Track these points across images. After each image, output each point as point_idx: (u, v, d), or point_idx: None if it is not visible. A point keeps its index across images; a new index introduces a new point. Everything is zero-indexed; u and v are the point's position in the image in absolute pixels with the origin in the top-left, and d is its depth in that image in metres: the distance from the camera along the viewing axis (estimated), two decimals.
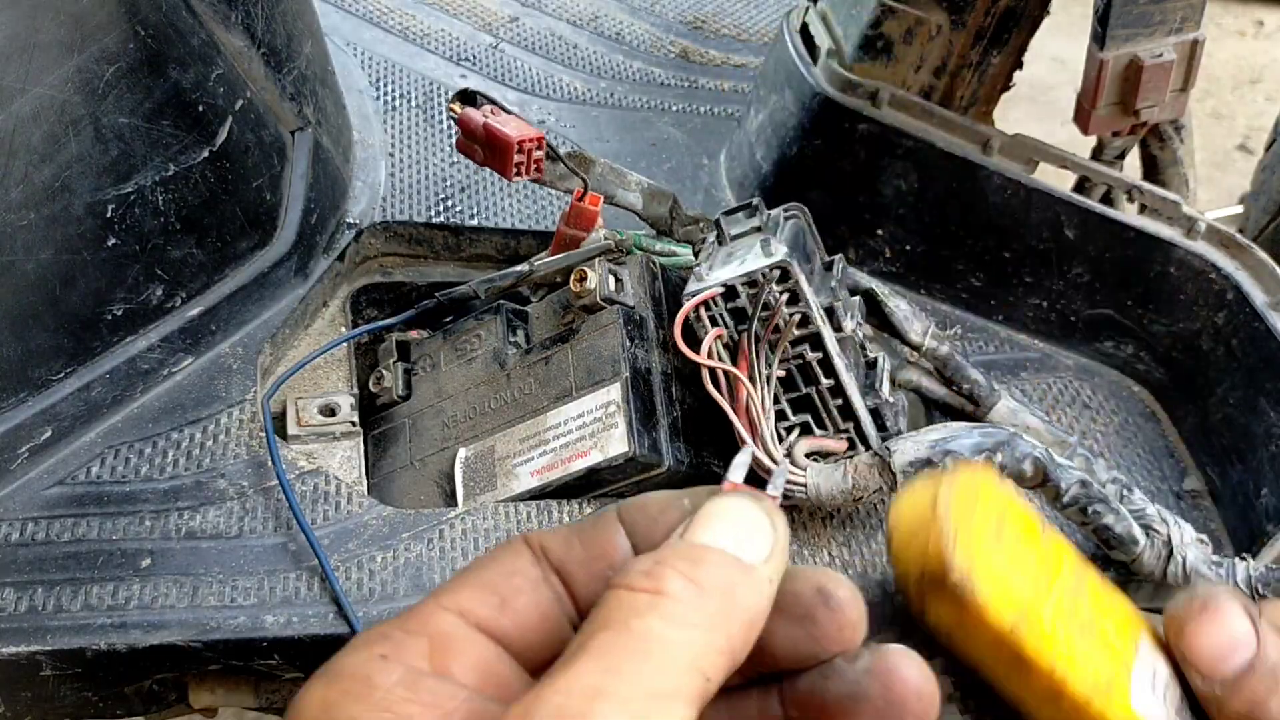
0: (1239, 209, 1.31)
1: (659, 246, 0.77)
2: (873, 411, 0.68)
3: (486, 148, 0.71)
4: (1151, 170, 0.92)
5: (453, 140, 0.75)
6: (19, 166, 0.61)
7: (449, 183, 0.89)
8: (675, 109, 1.03)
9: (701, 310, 0.66)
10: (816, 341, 0.66)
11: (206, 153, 0.70)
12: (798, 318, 0.65)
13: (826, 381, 0.66)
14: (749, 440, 0.64)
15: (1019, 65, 0.87)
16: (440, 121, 0.95)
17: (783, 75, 0.91)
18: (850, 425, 0.67)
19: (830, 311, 0.67)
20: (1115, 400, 0.83)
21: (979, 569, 0.36)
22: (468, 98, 0.72)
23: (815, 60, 0.89)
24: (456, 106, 0.72)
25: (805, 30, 0.93)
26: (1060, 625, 0.37)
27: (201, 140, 0.70)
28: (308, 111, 0.79)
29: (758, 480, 0.37)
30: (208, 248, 0.72)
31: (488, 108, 0.72)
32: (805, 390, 0.67)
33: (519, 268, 0.75)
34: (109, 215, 0.66)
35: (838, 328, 0.67)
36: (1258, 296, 0.77)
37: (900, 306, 0.79)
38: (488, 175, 0.78)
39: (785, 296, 0.65)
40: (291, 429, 0.72)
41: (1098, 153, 0.89)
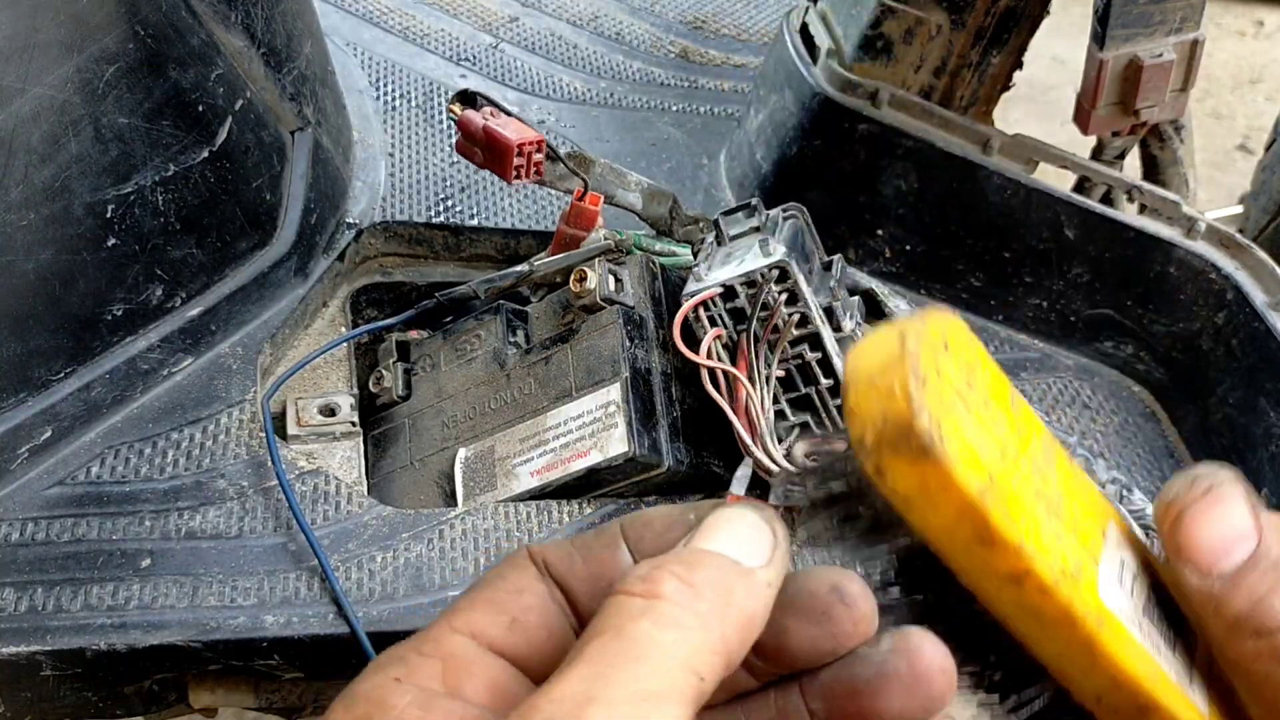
0: (1239, 209, 1.31)
1: (659, 246, 0.77)
2: None
3: (486, 150, 0.71)
4: (1151, 170, 0.92)
5: (453, 140, 0.75)
6: (19, 166, 0.61)
7: (449, 183, 0.89)
8: (675, 109, 1.03)
9: (700, 310, 0.66)
10: (816, 341, 0.66)
11: (206, 153, 0.70)
12: (797, 317, 0.65)
13: (826, 381, 0.66)
14: (749, 441, 0.64)
15: (1019, 65, 0.87)
16: (440, 122, 0.95)
17: (783, 75, 0.91)
18: None
19: (829, 311, 0.67)
20: (1115, 400, 0.83)
21: (947, 422, 0.31)
22: (467, 98, 0.72)
23: (815, 60, 0.89)
24: (456, 108, 0.72)
25: (805, 30, 0.93)
26: (1029, 500, 0.33)
27: (201, 140, 0.70)
28: (308, 111, 0.79)
29: (761, 484, 0.37)
30: (208, 248, 0.72)
31: (487, 109, 0.72)
32: (805, 390, 0.67)
33: (519, 268, 0.75)
34: (109, 215, 0.66)
35: (837, 327, 0.68)
36: (1258, 296, 0.77)
37: (900, 306, 0.79)
38: (488, 175, 0.78)
39: (784, 296, 0.65)
40: (291, 429, 0.72)
41: (1098, 153, 0.89)
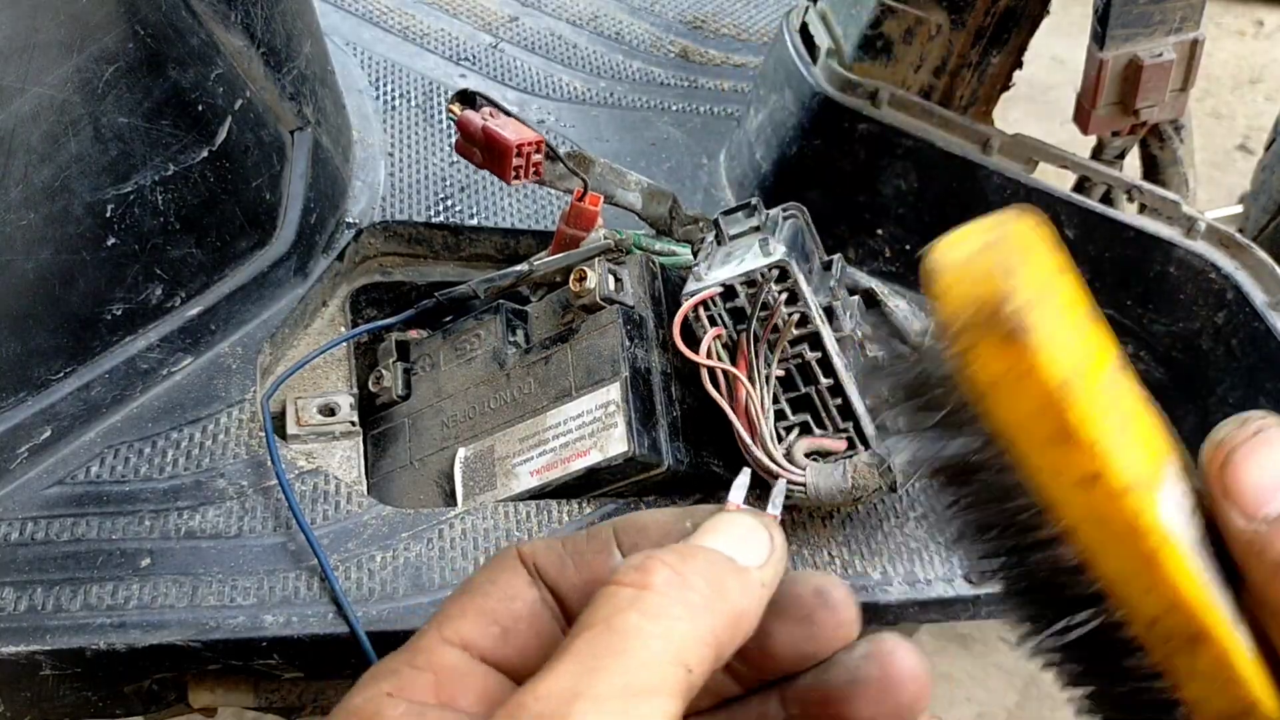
0: (1239, 209, 1.31)
1: (659, 246, 0.77)
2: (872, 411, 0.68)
3: (485, 151, 0.71)
4: (1151, 170, 0.92)
5: (452, 140, 0.75)
6: (19, 166, 0.61)
7: (448, 182, 0.89)
8: (675, 109, 1.03)
9: (700, 310, 0.66)
10: (815, 341, 0.66)
11: (206, 152, 0.70)
12: (796, 317, 0.65)
13: (826, 381, 0.66)
14: (749, 441, 0.64)
15: (1019, 65, 0.87)
16: (440, 121, 0.95)
17: (782, 75, 0.91)
18: (850, 425, 0.67)
19: (829, 311, 0.67)
20: None
21: (1036, 310, 0.33)
22: (467, 98, 0.72)
23: (815, 60, 0.89)
24: (456, 108, 0.72)
25: (805, 30, 0.93)
26: (1104, 406, 0.34)
27: (201, 140, 0.70)
28: (307, 111, 0.79)
29: (760, 485, 0.37)
30: (207, 247, 0.72)
31: (487, 109, 0.72)
32: (804, 390, 0.67)
33: (519, 267, 0.75)
34: (108, 215, 0.66)
35: (837, 327, 0.67)
36: (1258, 296, 0.77)
37: (900, 306, 0.79)
38: (487, 175, 0.78)
39: (784, 296, 0.65)
40: (291, 429, 0.72)
41: (1098, 153, 0.89)
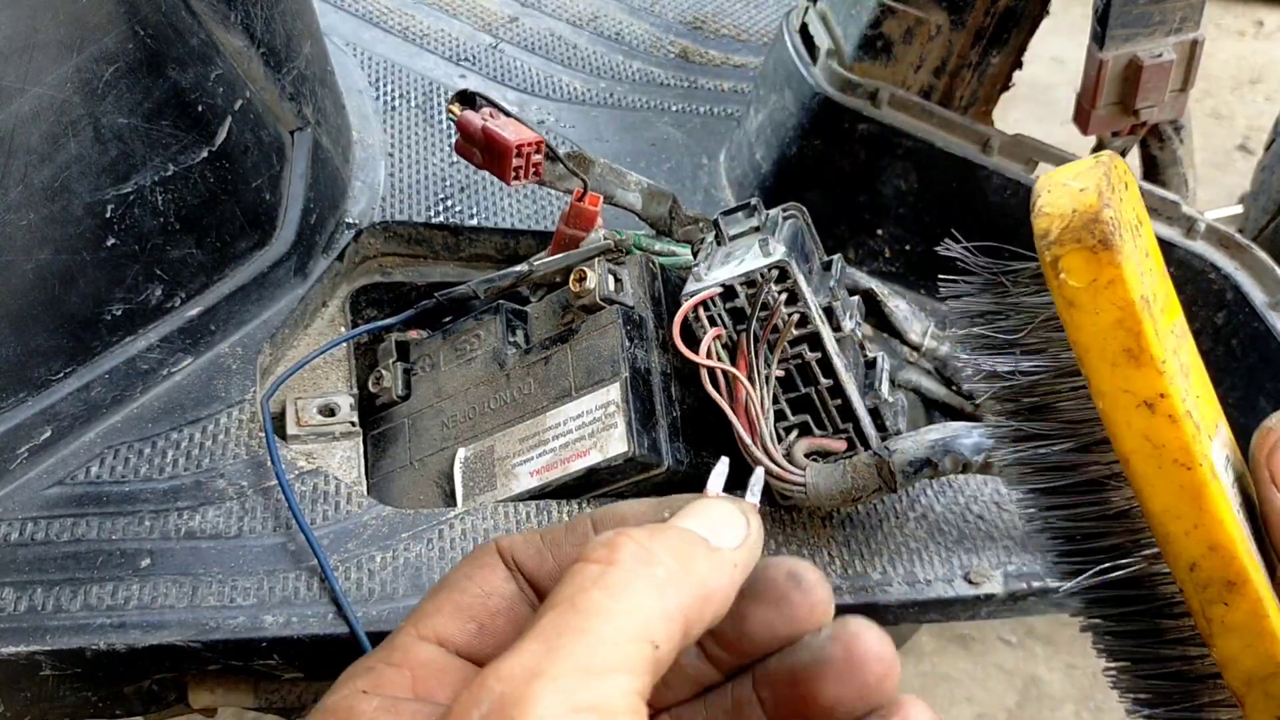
0: (1239, 209, 1.31)
1: (658, 246, 0.77)
2: (872, 411, 0.68)
3: (485, 151, 0.71)
4: (1151, 170, 0.92)
5: (452, 140, 0.75)
6: (18, 166, 0.61)
7: (448, 182, 0.89)
8: (675, 109, 1.03)
9: (700, 310, 0.66)
10: (815, 341, 0.66)
11: (206, 153, 0.70)
12: (796, 317, 0.65)
13: (826, 381, 0.66)
14: (749, 441, 0.64)
15: (1019, 65, 0.87)
16: (439, 121, 0.95)
17: (782, 75, 0.91)
18: (850, 425, 0.67)
19: (829, 311, 0.67)
20: None
21: (1125, 231, 0.35)
22: (467, 99, 0.72)
23: (815, 60, 0.89)
24: (455, 108, 0.72)
25: (805, 30, 0.93)
26: (1170, 345, 0.36)
27: (201, 140, 0.70)
28: (307, 111, 0.79)
29: (740, 484, 0.37)
30: (207, 248, 0.72)
31: (487, 110, 0.72)
32: (804, 390, 0.67)
33: (518, 268, 0.75)
34: (108, 215, 0.66)
35: (836, 327, 0.67)
36: (1257, 296, 0.77)
37: (900, 306, 0.79)
38: (487, 175, 0.78)
39: (784, 296, 0.65)
40: (291, 429, 0.72)
41: (1097, 152, 0.89)
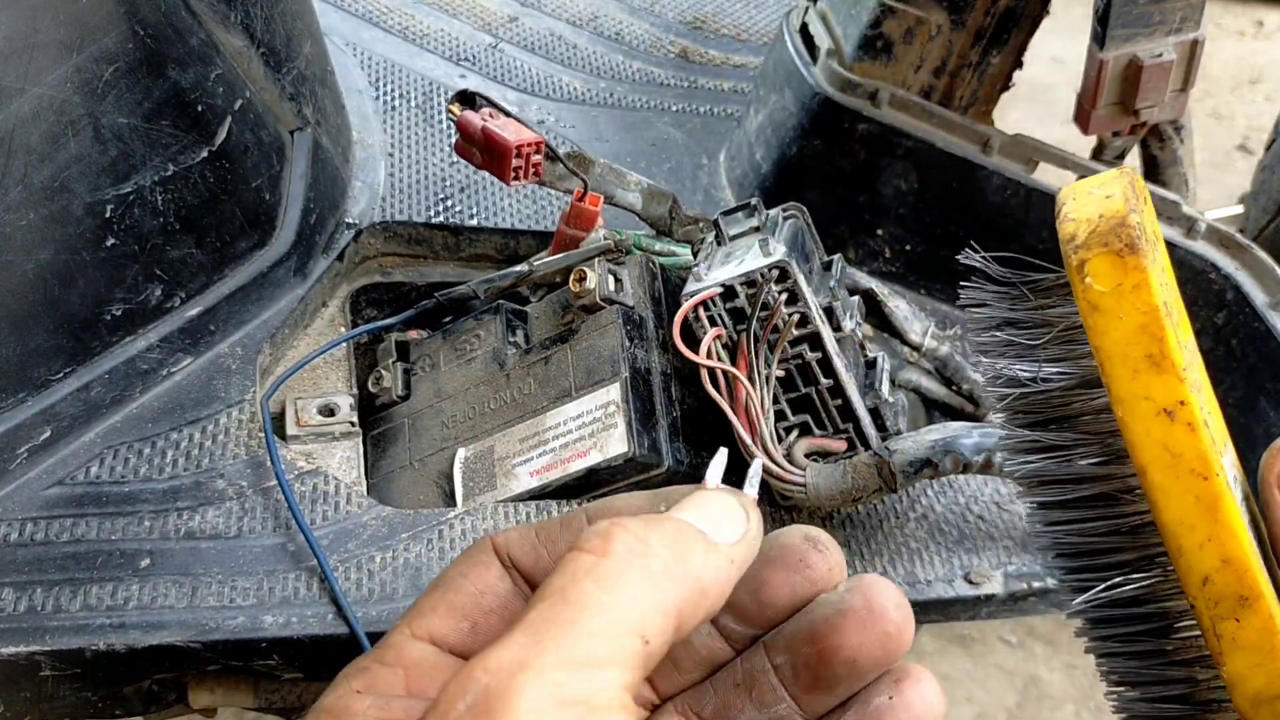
0: (1239, 209, 1.31)
1: (659, 246, 0.77)
2: (872, 411, 0.68)
3: (485, 152, 0.71)
4: (1151, 170, 0.92)
5: (452, 140, 0.75)
6: (18, 166, 0.61)
7: (448, 182, 0.89)
8: (675, 109, 1.03)
9: (700, 310, 0.66)
10: (816, 341, 0.66)
11: (206, 153, 0.70)
12: (796, 317, 0.65)
13: (826, 381, 0.66)
14: (749, 441, 0.64)
15: (1019, 65, 0.87)
16: (439, 121, 0.95)
17: (782, 75, 0.91)
18: (850, 425, 0.67)
19: (829, 311, 0.67)
20: None
21: (1148, 239, 0.36)
22: (467, 99, 0.72)
23: (815, 60, 0.89)
24: (455, 108, 0.72)
25: (805, 30, 0.93)
26: (1191, 355, 0.37)
27: (201, 140, 0.70)
28: (307, 111, 0.79)
29: (739, 476, 0.37)
30: (207, 248, 0.72)
31: (486, 110, 0.72)
32: (805, 390, 0.67)
33: (518, 268, 0.75)
34: (108, 215, 0.66)
35: (837, 327, 0.67)
36: (1258, 296, 0.77)
37: (900, 306, 0.79)
38: (487, 175, 0.78)
39: (784, 296, 0.65)
40: (291, 429, 0.72)
41: (1098, 153, 0.89)
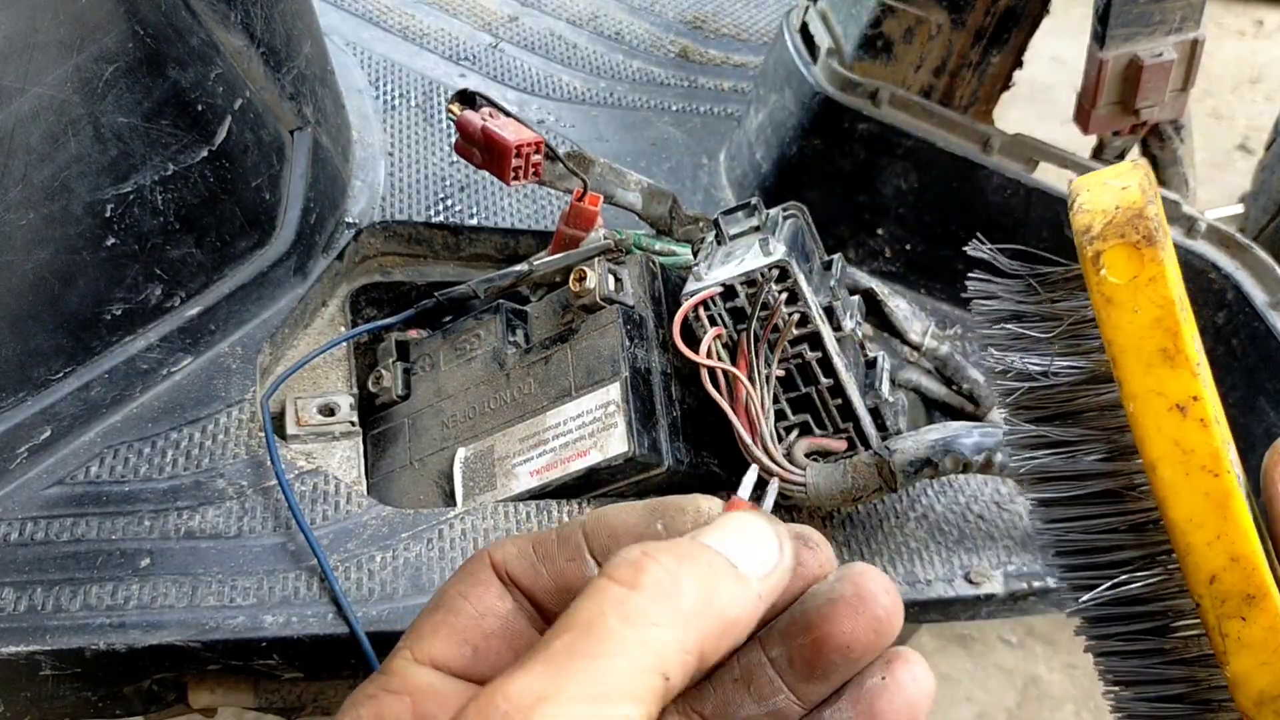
0: (1239, 209, 1.31)
1: (659, 246, 0.77)
2: (872, 411, 0.68)
3: (485, 151, 0.71)
4: (1151, 170, 0.92)
5: (452, 140, 0.75)
6: (18, 166, 0.61)
7: (448, 182, 0.89)
8: (675, 109, 1.03)
9: (700, 310, 0.66)
10: (816, 341, 0.66)
11: (205, 152, 0.70)
12: (796, 317, 0.65)
13: (826, 381, 0.66)
14: (749, 441, 0.64)
15: (1019, 65, 0.87)
16: (439, 121, 0.95)
17: (782, 75, 0.91)
18: (850, 425, 0.67)
19: (829, 311, 0.67)
20: None
21: (1164, 231, 0.37)
22: (467, 99, 0.72)
23: (815, 59, 0.89)
24: (455, 108, 0.72)
25: (805, 29, 0.93)
26: (1201, 351, 0.37)
27: (200, 140, 0.70)
28: (307, 111, 0.79)
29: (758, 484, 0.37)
30: (207, 247, 0.72)
31: (486, 110, 0.72)
32: (805, 390, 0.67)
33: (518, 267, 0.75)
34: (108, 215, 0.66)
35: (837, 327, 0.67)
36: (1258, 296, 0.77)
37: (900, 306, 0.79)
38: (487, 175, 0.78)
39: (784, 296, 0.65)
40: (291, 429, 0.72)
41: (1098, 153, 0.89)
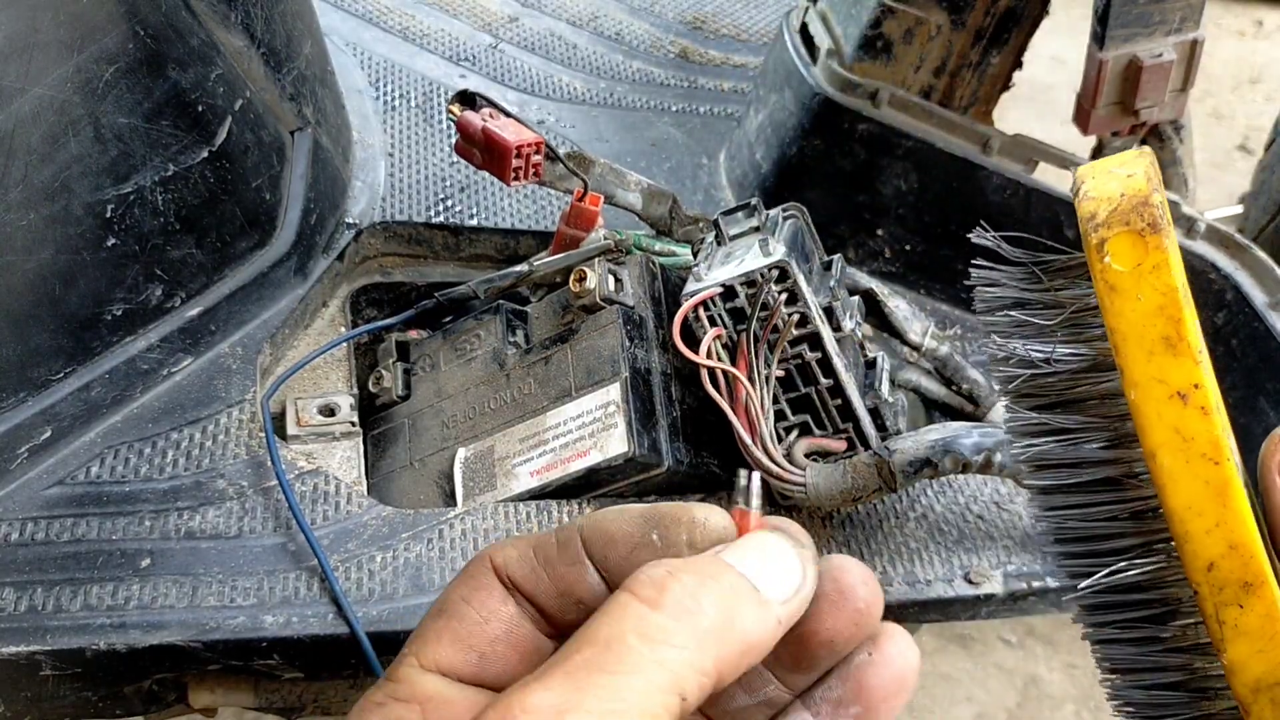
0: (1239, 209, 1.31)
1: (659, 246, 0.77)
2: (872, 411, 0.68)
3: (485, 152, 0.71)
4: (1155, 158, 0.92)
5: (452, 140, 0.75)
6: (19, 166, 0.61)
7: (448, 182, 0.89)
8: (675, 109, 1.03)
9: (700, 310, 0.66)
10: (815, 341, 0.66)
11: (206, 153, 0.70)
12: (796, 317, 0.65)
13: (826, 381, 0.66)
14: (749, 441, 0.64)
15: (1019, 65, 0.87)
16: (439, 121, 0.95)
17: (782, 75, 0.91)
18: (850, 425, 0.67)
19: (829, 311, 0.67)
20: None
21: (1168, 219, 0.37)
22: (467, 99, 0.72)
23: (815, 60, 0.89)
24: (455, 109, 0.72)
25: (805, 30, 0.93)
26: (1203, 348, 0.37)
27: (201, 140, 0.70)
28: (307, 111, 0.79)
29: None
30: (207, 248, 0.72)
31: (486, 110, 0.72)
32: (804, 390, 0.67)
33: (519, 268, 0.75)
34: (108, 215, 0.66)
35: (836, 327, 0.67)
36: (1257, 296, 0.77)
37: (900, 306, 0.79)
38: (487, 175, 0.78)
39: (784, 296, 0.65)
40: (291, 429, 0.72)
41: (1097, 153, 0.89)
